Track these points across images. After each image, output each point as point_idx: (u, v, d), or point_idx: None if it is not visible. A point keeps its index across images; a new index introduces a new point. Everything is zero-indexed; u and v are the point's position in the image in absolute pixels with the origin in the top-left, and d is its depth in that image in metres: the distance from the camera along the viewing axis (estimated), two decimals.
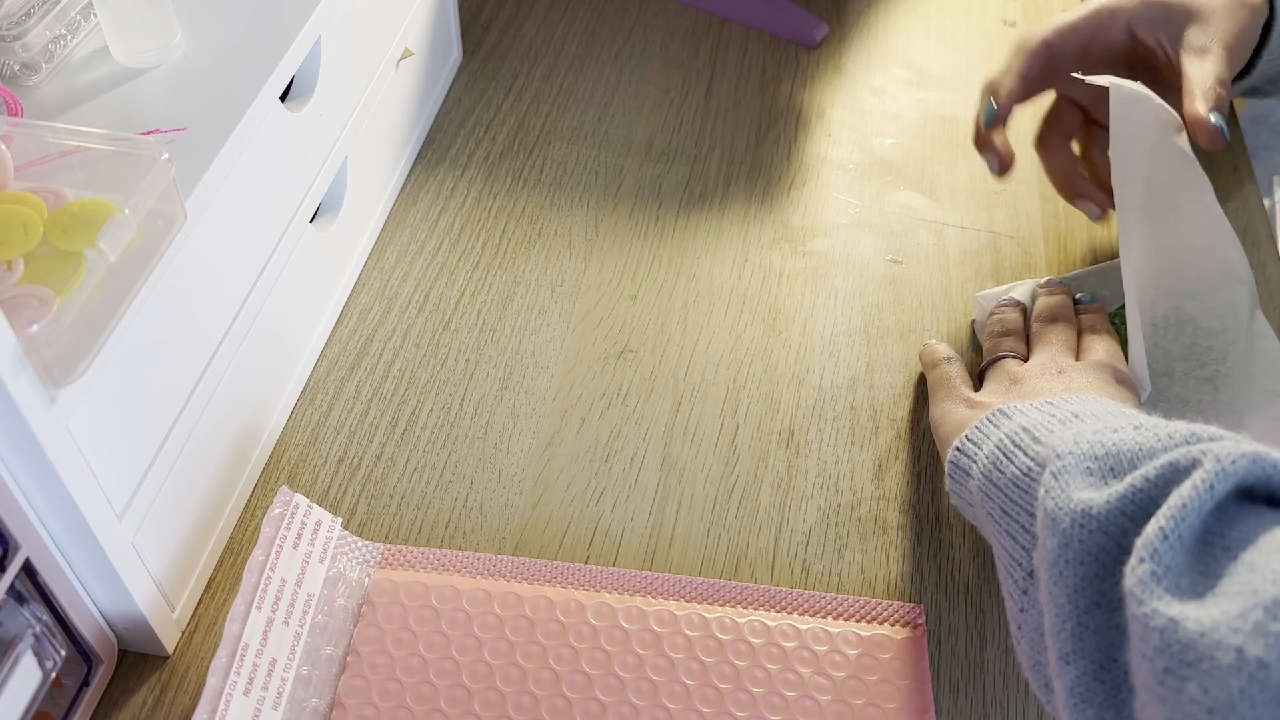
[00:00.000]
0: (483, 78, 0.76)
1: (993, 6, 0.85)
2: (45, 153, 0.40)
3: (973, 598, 0.51)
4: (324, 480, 0.54)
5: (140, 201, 0.39)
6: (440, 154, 0.71)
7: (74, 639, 0.43)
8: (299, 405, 0.57)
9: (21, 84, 0.46)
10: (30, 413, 0.35)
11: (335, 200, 0.59)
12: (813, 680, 0.46)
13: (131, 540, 0.43)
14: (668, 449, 0.56)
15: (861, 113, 0.75)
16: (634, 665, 0.47)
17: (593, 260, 0.65)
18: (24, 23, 0.45)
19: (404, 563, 0.50)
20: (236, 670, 0.42)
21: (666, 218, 0.68)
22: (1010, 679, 0.48)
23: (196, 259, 0.44)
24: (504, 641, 0.47)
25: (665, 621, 0.48)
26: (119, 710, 0.46)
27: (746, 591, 0.49)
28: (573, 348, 0.60)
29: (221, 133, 0.44)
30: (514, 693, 0.46)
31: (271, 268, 0.51)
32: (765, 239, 0.67)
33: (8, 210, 0.38)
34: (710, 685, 0.46)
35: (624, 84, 0.76)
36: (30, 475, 0.38)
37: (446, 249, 0.65)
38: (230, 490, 0.51)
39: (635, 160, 0.71)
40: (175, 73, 0.47)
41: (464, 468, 0.55)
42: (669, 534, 0.53)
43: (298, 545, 0.47)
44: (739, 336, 0.61)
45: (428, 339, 0.60)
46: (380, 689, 0.45)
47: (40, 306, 0.35)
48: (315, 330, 0.59)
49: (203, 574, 0.50)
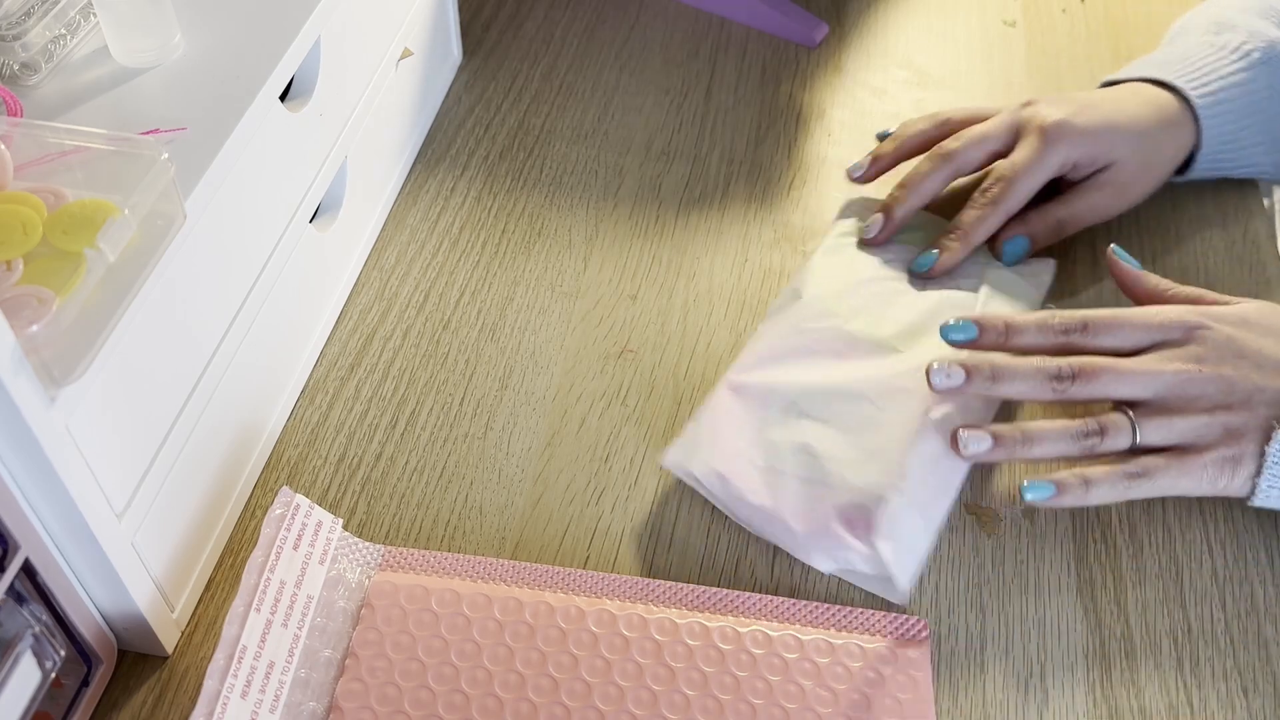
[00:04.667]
0: (483, 78, 0.76)
1: (993, 6, 0.85)
2: (45, 153, 0.40)
3: (973, 598, 0.51)
4: (324, 480, 0.54)
5: (140, 201, 0.39)
6: (440, 154, 0.71)
7: (74, 639, 0.43)
8: (299, 405, 0.57)
9: (21, 84, 0.46)
10: (30, 412, 0.35)
11: (335, 200, 0.59)
12: (814, 692, 0.46)
13: (131, 540, 0.43)
14: (668, 449, 0.56)
15: (861, 113, 0.75)
16: (634, 674, 0.46)
17: (593, 260, 0.65)
18: (24, 23, 0.45)
19: (405, 565, 0.50)
20: (234, 672, 0.42)
21: (666, 218, 0.68)
22: (1010, 679, 0.48)
23: (196, 259, 0.44)
24: (503, 647, 0.47)
25: (666, 630, 0.48)
26: (118, 710, 0.46)
27: (749, 601, 0.49)
28: (573, 348, 0.60)
29: (221, 133, 0.44)
30: (512, 700, 0.46)
31: (271, 268, 0.51)
32: (765, 239, 0.66)
33: (7, 210, 0.38)
34: (711, 696, 0.46)
35: (624, 84, 0.76)
36: (30, 475, 0.37)
37: (446, 249, 0.65)
38: (230, 490, 0.51)
39: (635, 160, 0.71)
40: (175, 73, 0.47)
41: (464, 468, 0.55)
42: (669, 534, 0.53)
43: (298, 546, 0.47)
44: (739, 336, 0.61)
45: (428, 339, 0.60)
46: (378, 693, 0.45)
47: (40, 306, 0.35)
48: (315, 330, 0.59)
49: (202, 574, 0.50)
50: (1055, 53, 0.81)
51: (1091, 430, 0.51)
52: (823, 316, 0.57)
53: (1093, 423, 0.51)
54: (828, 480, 0.51)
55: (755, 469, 0.51)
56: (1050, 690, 0.48)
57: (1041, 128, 0.61)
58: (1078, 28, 0.83)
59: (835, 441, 0.52)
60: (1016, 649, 0.49)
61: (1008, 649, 0.49)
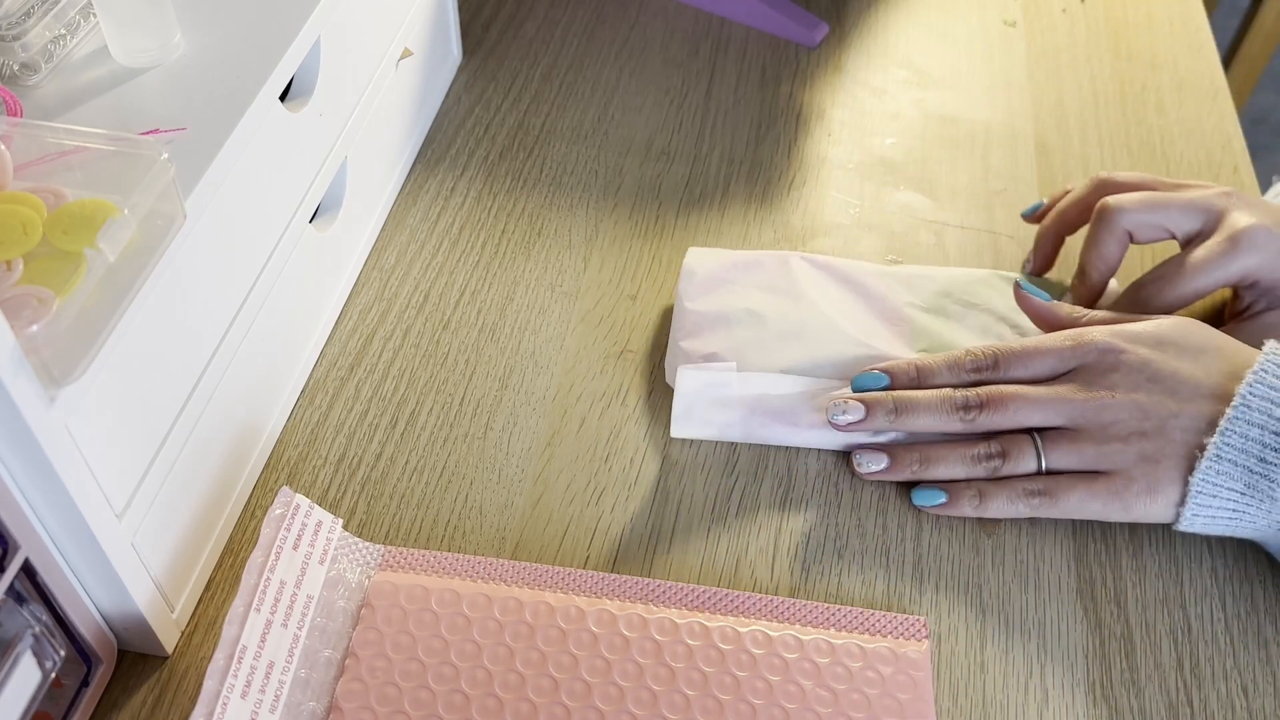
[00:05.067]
0: (483, 78, 0.76)
1: (993, 6, 0.85)
2: (45, 153, 0.40)
3: (973, 597, 0.51)
4: (324, 480, 0.54)
5: (140, 201, 0.39)
6: (440, 154, 0.71)
7: (73, 639, 0.43)
8: (299, 405, 0.57)
9: (21, 84, 0.46)
10: (30, 412, 0.35)
11: (335, 200, 0.59)
12: (814, 692, 0.46)
13: (131, 540, 0.43)
14: (668, 449, 0.56)
15: (861, 113, 0.75)
16: (634, 674, 0.46)
17: (593, 260, 0.65)
18: (23, 23, 0.45)
19: (405, 565, 0.50)
20: (234, 673, 0.42)
21: (666, 218, 0.68)
22: (1010, 679, 0.48)
23: (196, 259, 0.44)
24: (503, 647, 0.47)
25: (666, 630, 0.48)
26: (118, 710, 0.46)
27: (749, 601, 0.49)
28: (573, 348, 0.60)
29: (221, 133, 0.44)
30: (513, 700, 0.46)
31: (271, 268, 0.51)
32: (765, 239, 0.66)
33: (7, 210, 0.38)
34: (711, 696, 0.46)
35: (624, 84, 0.76)
36: (30, 475, 0.37)
37: (446, 249, 0.65)
38: (230, 490, 0.51)
39: (635, 160, 0.71)
40: (175, 73, 0.47)
41: (464, 468, 0.55)
42: (669, 534, 0.53)
43: (298, 546, 0.47)
44: None
45: (428, 339, 0.60)
46: (378, 693, 0.45)
47: (40, 306, 0.35)
48: (315, 330, 0.59)
49: (202, 574, 0.50)
50: (1055, 53, 0.81)
51: (994, 453, 0.52)
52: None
53: (995, 445, 0.52)
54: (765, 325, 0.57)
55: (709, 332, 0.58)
56: (1050, 690, 0.48)
57: (1235, 232, 0.54)
58: (1078, 28, 0.83)
59: (778, 317, 0.58)
60: (1016, 649, 0.49)
61: (1008, 649, 0.49)
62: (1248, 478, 0.48)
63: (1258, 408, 0.48)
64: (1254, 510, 0.48)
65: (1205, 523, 0.49)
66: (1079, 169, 0.71)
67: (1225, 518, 0.49)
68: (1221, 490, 0.48)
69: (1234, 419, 0.48)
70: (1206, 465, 0.48)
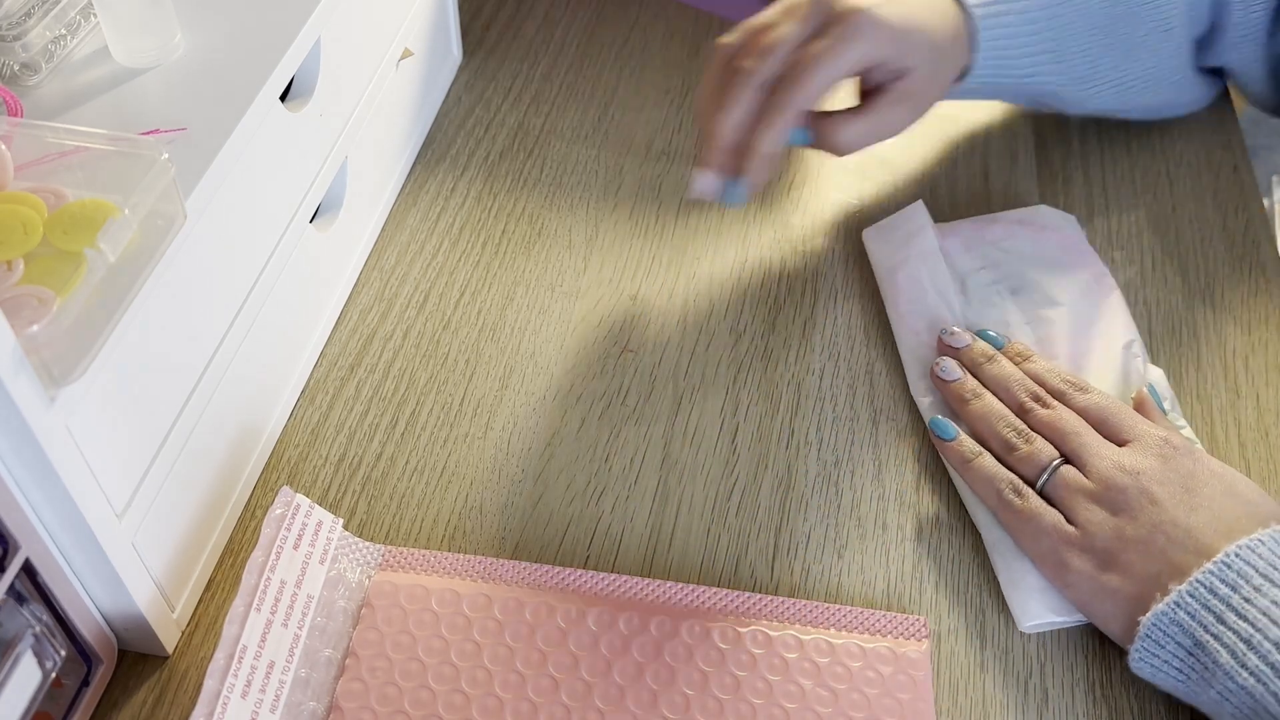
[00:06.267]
0: (483, 78, 0.76)
1: None
2: (45, 153, 0.40)
3: (972, 598, 0.51)
4: (324, 480, 0.54)
5: (140, 201, 0.39)
6: (440, 154, 0.71)
7: (74, 639, 0.43)
8: (299, 405, 0.57)
9: (21, 84, 0.46)
10: (30, 412, 0.35)
11: (335, 200, 0.59)
12: (814, 692, 0.46)
13: (131, 540, 0.43)
14: (668, 449, 0.56)
15: None
16: (634, 674, 0.46)
17: (593, 260, 0.65)
18: (24, 23, 0.45)
19: (405, 565, 0.50)
20: (234, 672, 0.42)
21: (666, 218, 0.68)
22: (1010, 679, 0.48)
23: (196, 259, 0.44)
24: (503, 647, 0.47)
25: (666, 630, 0.48)
26: (119, 710, 0.46)
27: (750, 601, 0.49)
28: (573, 348, 0.60)
29: (221, 133, 0.44)
30: (513, 699, 0.46)
31: (271, 268, 0.51)
32: (765, 239, 0.66)
33: (8, 210, 0.38)
34: (711, 695, 0.46)
35: (624, 84, 0.76)
36: (30, 475, 0.37)
37: (446, 249, 0.65)
38: (230, 490, 0.51)
39: (635, 160, 0.71)
40: (175, 73, 0.47)
41: (464, 468, 0.55)
42: (669, 534, 0.53)
43: (298, 546, 0.47)
44: (739, 336, 0.61)
45: (428, 339, 0.60)
46: (378, 693, 0.45)
47: (40, 306, 0.35)
48: (315, 330, 0.59)
49: (203, 574, 0.50)
50: None
51: (1024, 438, 0.52)
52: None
53: (1029, 434, 0.52)
54: None
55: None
56: (1050, 690, 0.48)
57: (843, 15, 0.53)
58: None
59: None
60: (1016, 649, 0.49)
61: (1008, 649, 0.49)
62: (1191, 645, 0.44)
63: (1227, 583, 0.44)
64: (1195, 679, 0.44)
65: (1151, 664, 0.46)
66: (1079, 169, 0.71)
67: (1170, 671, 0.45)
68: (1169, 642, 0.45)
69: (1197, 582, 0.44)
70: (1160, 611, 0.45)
